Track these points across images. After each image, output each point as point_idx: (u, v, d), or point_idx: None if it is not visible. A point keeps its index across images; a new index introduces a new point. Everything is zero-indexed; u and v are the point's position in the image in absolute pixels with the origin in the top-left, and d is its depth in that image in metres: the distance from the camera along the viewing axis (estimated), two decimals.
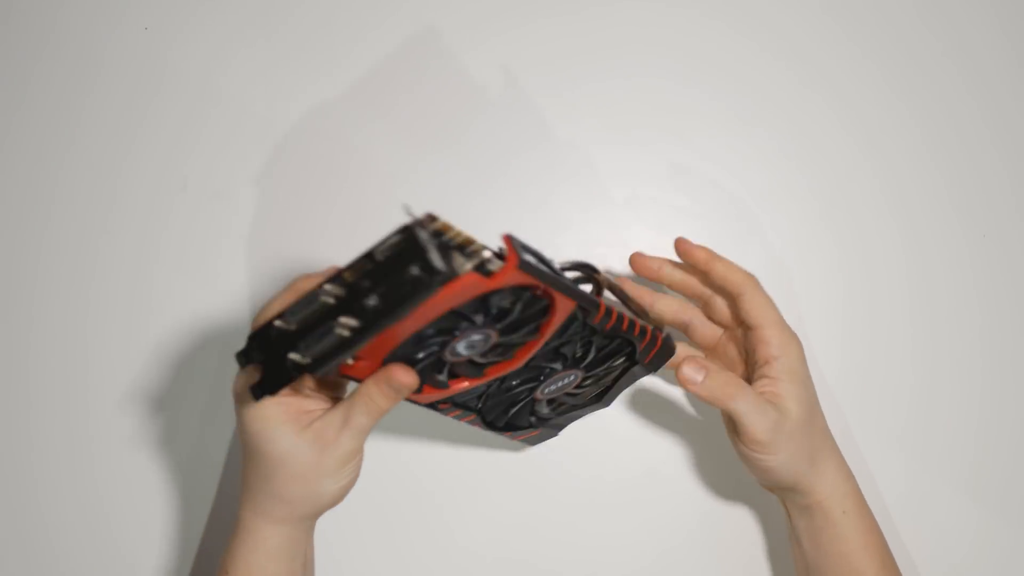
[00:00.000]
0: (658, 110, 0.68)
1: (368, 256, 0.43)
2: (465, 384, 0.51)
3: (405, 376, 0.46)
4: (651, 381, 0.66)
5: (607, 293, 0.55)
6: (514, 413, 0.56)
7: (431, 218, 0.42)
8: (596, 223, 0.67)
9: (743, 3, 0.68)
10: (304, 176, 0.68)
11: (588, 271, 0.54)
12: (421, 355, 0.47)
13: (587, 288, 0.54)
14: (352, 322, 0.43)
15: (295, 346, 0.44)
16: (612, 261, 0.67)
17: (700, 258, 0.57)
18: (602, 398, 0.59)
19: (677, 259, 0.59)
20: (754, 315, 0.55)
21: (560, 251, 0.67)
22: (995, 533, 0.65)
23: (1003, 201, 0.67)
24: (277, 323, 0.45)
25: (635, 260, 0.59)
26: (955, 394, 0.66)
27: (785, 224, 0.67)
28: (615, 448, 0.66)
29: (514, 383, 0.54)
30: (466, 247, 0.43)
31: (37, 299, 0.67)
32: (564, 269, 0.53)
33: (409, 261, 0.41)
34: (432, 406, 0.53)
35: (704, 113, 0.68)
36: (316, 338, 0.44)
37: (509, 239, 0.44)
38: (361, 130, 0.68)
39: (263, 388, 0.45)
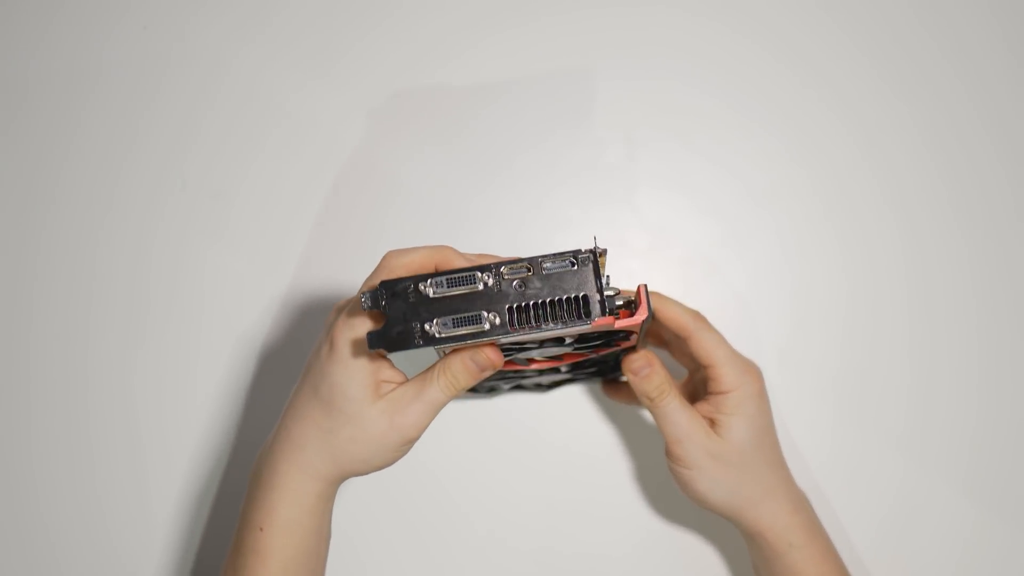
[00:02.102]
0: (659, 110, 0.68)
1: (530, 263, 0.44)
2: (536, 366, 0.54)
3: (495, 355, 0.47)
4: None
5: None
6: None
7: (603, 252, 0.45)
8: (596, 223, 0.67)
9: (743, 3, 0.68)
10: (303, 175, 0.68)
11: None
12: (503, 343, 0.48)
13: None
14: (495, 319, 0.44)
15: (430, 317, 0.45)
16: (611, 261, 0.67)
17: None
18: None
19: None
20: (704, 355, 0.55)
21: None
22: (992, 532, 0.65)
23: (1003, 201, 0.67)
24: (423, 286, 0.45)
25: None
26: (954, 393, 0.66)
27: (786, 223, 0.67)
28: (609, 444, 0.66)
29: None
30: (610, 286, 0.46)
31: (36, 299, 0.67)
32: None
33: (573, 289, 0.44)
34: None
35: (705, 113, 0.68)
36: (457, 320, 0.45)
37: (644, 291, 0.46)
38: (361, 128, 0.68)
39: (383, 341, 0.45)
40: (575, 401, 0.66)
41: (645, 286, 0.47)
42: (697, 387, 0.60)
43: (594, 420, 0.66)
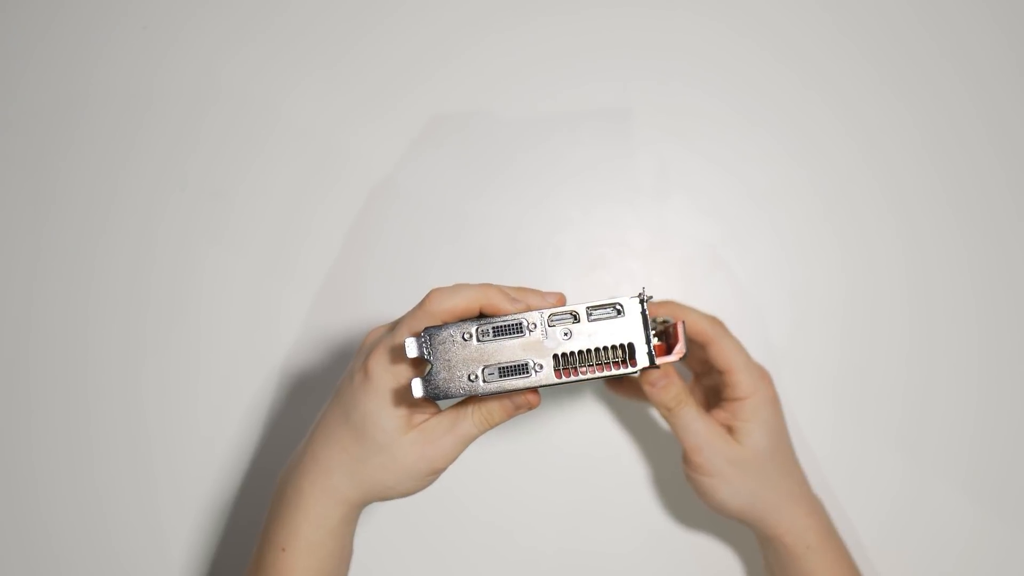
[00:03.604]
0: (659, 110, 0.68)
1: (575, 311, 0.45)
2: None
3: (533, 398, 0.48)
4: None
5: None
6: None
7: (648, 299, 0.45)
8: (596, 223, 0.67)
9: (744, 4, 0.68)
10: (302, 174, 0.68)
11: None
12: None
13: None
14: (540, 368, 0.45)
15: (476, 366, 0.45)
16: (611, 262, 0.67)
17: (668, 313, 0.57)
18: None
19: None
20: (723, 360, 0.56)
21: (560, 251, 0.67)
22: (992, 531, 0.65)
23: (1003, 201, 0.67)
24: (468, 335, 0.45)
25: None
26: (954, 393, 0.66)
27: (786, 223, 0.67)
28: (620, 448, 0.66)
29: None
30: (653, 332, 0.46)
31: (37, 298, 0.67)
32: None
33: (618, 337, 0.45)
34: None
35: (705, 113, 0.68)
36: (504, 370, 0.45)
37: (682, 328, 0.47)
38: (361, 129, 0.68)
39: (427, 389, 0.45)
40: (585, 406, 0.66)
41: (683, 323, 0.47)
42: (706, 392, 0.61)
43: (602, 424, 0.66)
